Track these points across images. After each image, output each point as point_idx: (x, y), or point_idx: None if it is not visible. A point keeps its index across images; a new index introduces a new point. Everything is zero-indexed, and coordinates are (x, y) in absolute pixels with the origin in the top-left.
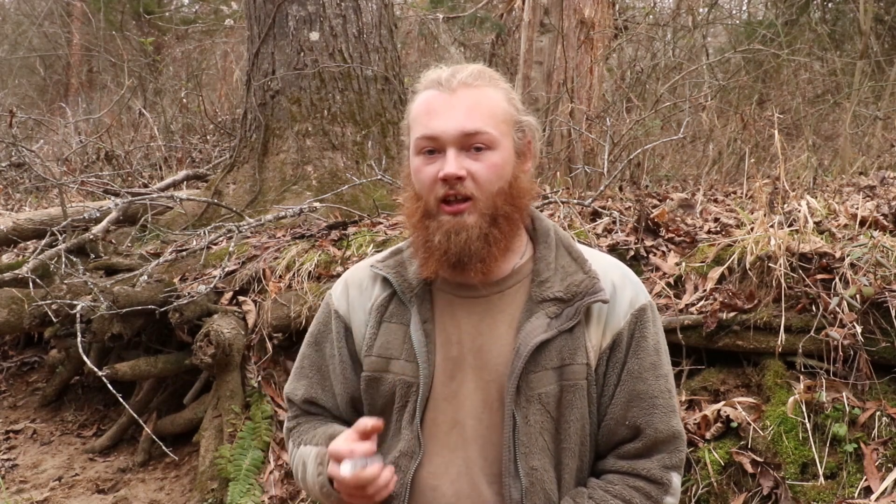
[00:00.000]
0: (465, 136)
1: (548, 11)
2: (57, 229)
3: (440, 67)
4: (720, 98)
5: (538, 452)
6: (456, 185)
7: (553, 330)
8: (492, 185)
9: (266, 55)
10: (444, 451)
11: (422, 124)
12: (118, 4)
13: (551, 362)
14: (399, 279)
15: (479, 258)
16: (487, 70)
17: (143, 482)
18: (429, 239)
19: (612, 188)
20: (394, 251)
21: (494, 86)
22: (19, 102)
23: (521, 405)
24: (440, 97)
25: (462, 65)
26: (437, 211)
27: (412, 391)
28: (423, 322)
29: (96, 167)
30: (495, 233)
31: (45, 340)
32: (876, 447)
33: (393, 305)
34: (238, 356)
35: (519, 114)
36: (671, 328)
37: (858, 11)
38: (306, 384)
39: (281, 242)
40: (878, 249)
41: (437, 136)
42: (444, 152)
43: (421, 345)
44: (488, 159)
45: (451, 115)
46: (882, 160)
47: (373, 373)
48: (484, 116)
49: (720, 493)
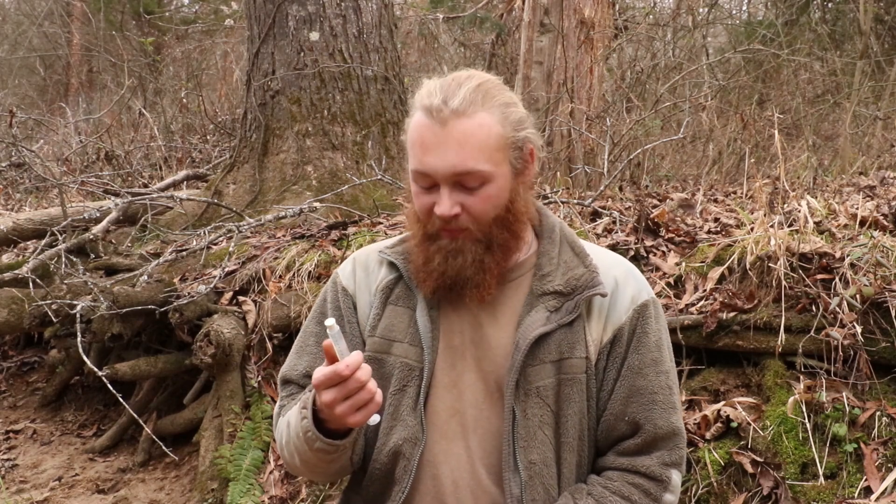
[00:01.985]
0: (457, 174)
1: (548, 11)
2: (57, 229)
3: (434, 85)
4: (720, 98)
5: (538, 446)
6: (451, 222)
7: (553, 323)
8: (487, 216)
9: (266, 55)
10: (442, 439)
11: (416, 157)
12: (118, 4)
13: (550, 356)
14: (406, 265)
15: (473, 284)
16: (483, 84)
17: (143, 482)
18: (429, 260)
19: (612, 188)
20: (402, 238)
21: (489, 107)
22: (19, 102)
23: (519, 399)
24: (431, 129)
25: (457, 80)
26: (436, 234)
27: (414, 375)
28: (429, 308)
29: (96, 167)
30: (489, 261)
31: (45, 340)
32: (876, 447)
33: (399, 289)
34: (238, 356)
35: (517, 131)
36: (671, 328)
37: (858, 11)
38: (308, 360)
39: (281, 242)
40: (878, 249)
41: (430, 173)
42: (437, 187)
43: (426, 330)
44: (482, 193)
45: (442, 153)
46: (882, 160)
47: (375, 353)
48: (476, 152)
49: (720, 493)
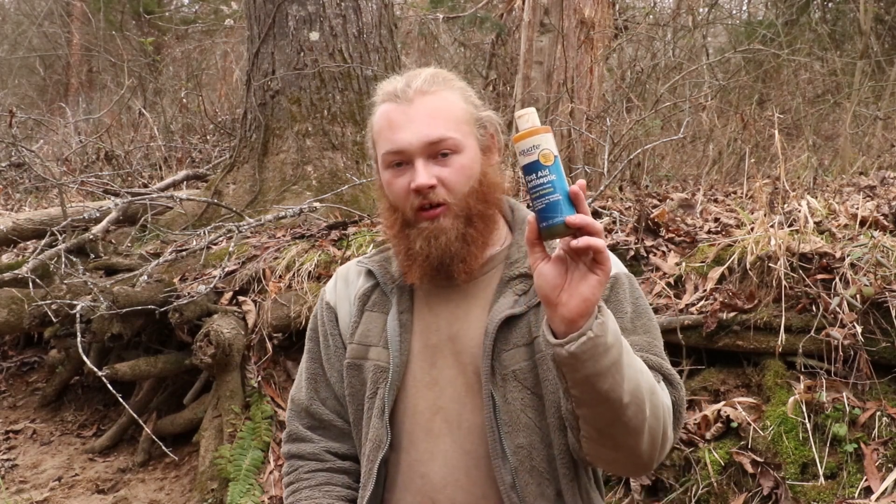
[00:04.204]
0: (430, 144)
1: (548, 11)
2: (57, 229)
3: (393, 78)
4: (720, 98)
5: (523, 430)
6: (428, 195)
7: (521, 306)
8: (462, 186)
9: (266, 55)
10: (428, 437)
11: (386, 139)
12: (118, 4)
13: (522, 339)
14: (382, 271)
15: (459, 258)
16: (441, 72)
17: (143, 482)
18: (410, 246)
19: (612, 188)
20: (381, 248)
21: (450, 87)
22: (19, 102)
23: (497, 384)
24: (398, 109)
25: (414, 71)
26: (414, 219)
27: (382, 377)
28: (399, 312)
29: (96, 167)
30: (472, 232)
31: (45, 340)
32: (876, 447)
33: (375, 295)
34: (238, 356)
35: (478, 110)
36: (671, 328)
37: (858, 11)
38: (308, 385)
39: (281, 242)
40: (878, 249)
41: (403, 149)
42: (412, 163)
43: (395, 333)
44: (456, 163)
45: (413, 127)
46: (882, 160)
47: (353, 359)
48: (445, 121)
49: (720, 494)
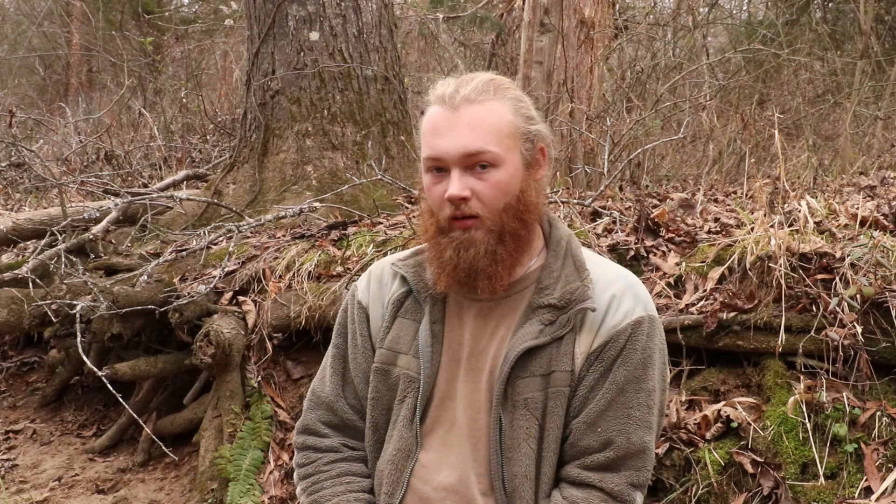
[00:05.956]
0: (468, 155)
1: (548, 11)
2: (57, 229)
3: (448, 80)
4: (720, 98)
5: (521, 459)
6: (461, 206)
7: (546, 336)
8: (497, 202)
9: (266, 55)
10: (441, 447)
11: (428, 143)
12: (118, 4)
13: (540, 369)
14: (416, 279)
15: (485, 275)
16: (496, 80)
17: (142, 482)
18: (441, 254)
19: (612, 188)
20: (416, 251)
21: (501, 98)
22: (19, 102)
23: (507, 409)
24: (443, 115)
25: (470, 75)
26: (448, 227)
27: (412, 387)
28: (432, 322)
29: (96, 167)
30: (501, 251)
31: (45, 340)
32: (876, 447)
33: (409, 302)
34: (238, 356)
35: (528, 124)
36: (671, 328)
37: (859, 11)
38: (334, 380)
39: (281, 242)
40: (878, 249)
41: (441, 157)
42: (449, 171)
43: (426, 344)
44: (493, 177)
45: (453, 136)
46: (882, 160)
47: (381, 364)
48: (486, 134)
49: (720, 494)
